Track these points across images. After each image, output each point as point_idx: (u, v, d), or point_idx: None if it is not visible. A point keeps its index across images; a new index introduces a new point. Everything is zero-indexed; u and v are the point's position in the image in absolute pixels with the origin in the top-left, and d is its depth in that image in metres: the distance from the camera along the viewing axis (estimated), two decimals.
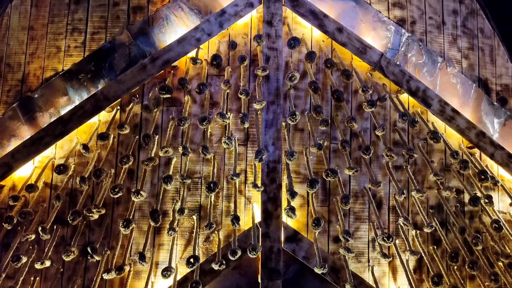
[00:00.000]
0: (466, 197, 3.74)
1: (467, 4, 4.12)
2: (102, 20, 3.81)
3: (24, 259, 3.27)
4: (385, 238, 3.39)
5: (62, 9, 3.84)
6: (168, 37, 3.76)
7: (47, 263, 3.28)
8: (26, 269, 3.30)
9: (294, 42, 3.66)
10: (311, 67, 3.76)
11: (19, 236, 3.34)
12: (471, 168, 3.69)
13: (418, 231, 3.66)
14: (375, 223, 3.59)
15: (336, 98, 3.64)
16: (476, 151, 3.87)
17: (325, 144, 3.62)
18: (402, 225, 3.57)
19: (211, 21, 3.70)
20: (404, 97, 3.85)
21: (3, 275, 3.23)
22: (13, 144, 3.58)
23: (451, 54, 4.01)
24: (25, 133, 3.61)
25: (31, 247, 3.44)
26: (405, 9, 4.01)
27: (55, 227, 3.47)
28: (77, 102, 3.63)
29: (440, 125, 3.85)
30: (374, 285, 3.47)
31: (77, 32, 3.80)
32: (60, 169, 3.44)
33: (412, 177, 3.63)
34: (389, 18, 3.94)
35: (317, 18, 3.78)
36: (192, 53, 3.71)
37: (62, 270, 3.49)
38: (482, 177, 3.58)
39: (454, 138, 3.87)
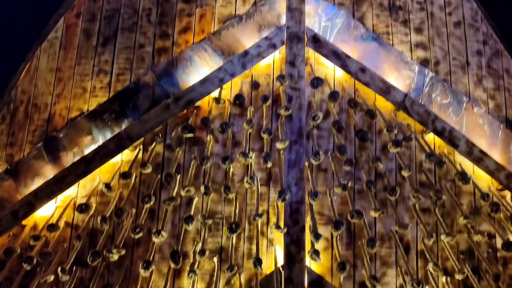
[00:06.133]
0: (499, 242, 3.57)
1: (491, 45, 4.09)
2: (127, 62, 3.89)
3: None
4: (414, 285, 3.22)
5: (89, 51, 3.94)
6: (192, 78, 3.79)
7: None
8: None
9: (317, 82, 3.67)
10: (334, 107, 3.74)
11: (38, 277, 3.28)
12: (502, 211, 3.55)
13: (448, 278, 3.47)
14: (403, 269, 3.43)
15: (360, 137, 3.60)
16: (507, 193, 3.71)
17: (349, 184, 3.53)
18: (432, 271, 3.40)
19: (234, 62, 3.75)
20: (430, 137, 3.77)
21: None
22: (37, 183, 3.58)
23: (477, 94, 3.95)
24: (49, 172, 3.62)
25: None
26: (428, 50, 4.00)
27: (74, 268, 3.40)
28: (100, 142, 3.64)
29: (468, 166, 3.73)
30: None
31: (103, 73, 3.87)
32: (82, 208, 3.44)
33: (441, 220, 3.50)
34: (412, 59, 3.93)
35: (340, 59, 3.79)
36: (215, 93, 3.74)
37: None
38: None
39: (483, 179, 3.74)
